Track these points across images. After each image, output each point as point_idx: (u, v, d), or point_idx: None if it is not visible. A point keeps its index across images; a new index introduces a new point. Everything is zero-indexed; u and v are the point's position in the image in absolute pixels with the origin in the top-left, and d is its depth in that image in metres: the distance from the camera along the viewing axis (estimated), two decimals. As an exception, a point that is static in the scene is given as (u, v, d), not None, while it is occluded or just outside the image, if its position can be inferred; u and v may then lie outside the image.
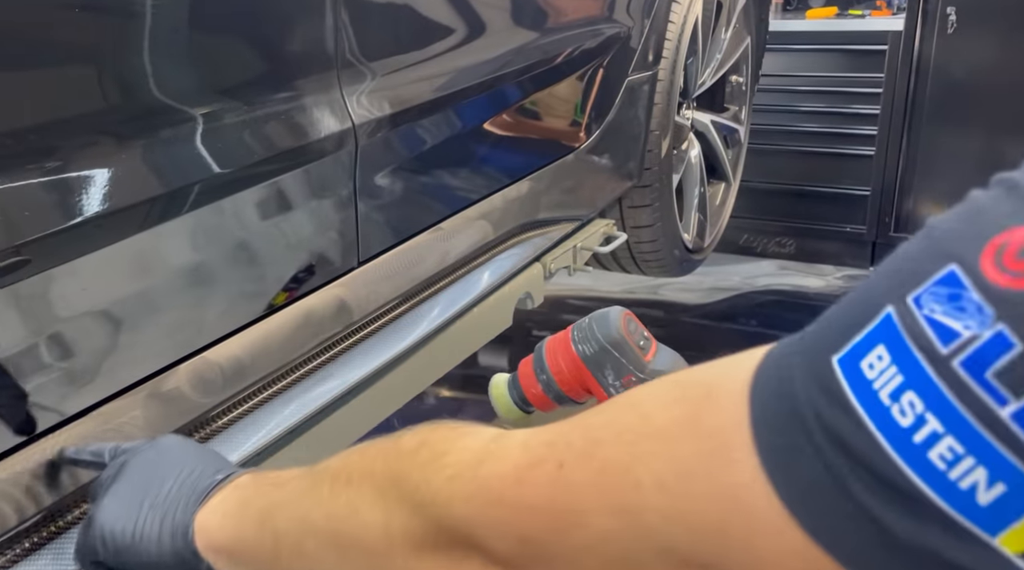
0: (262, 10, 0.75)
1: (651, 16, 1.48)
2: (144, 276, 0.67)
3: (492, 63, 1.08)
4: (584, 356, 0.65)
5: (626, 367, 0.65)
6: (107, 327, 0.66)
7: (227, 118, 0.72)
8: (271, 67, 0.76)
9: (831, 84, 3.40)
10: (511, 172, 1.19)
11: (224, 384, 0.75)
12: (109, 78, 0.64)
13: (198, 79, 0.71)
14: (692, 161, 1.84)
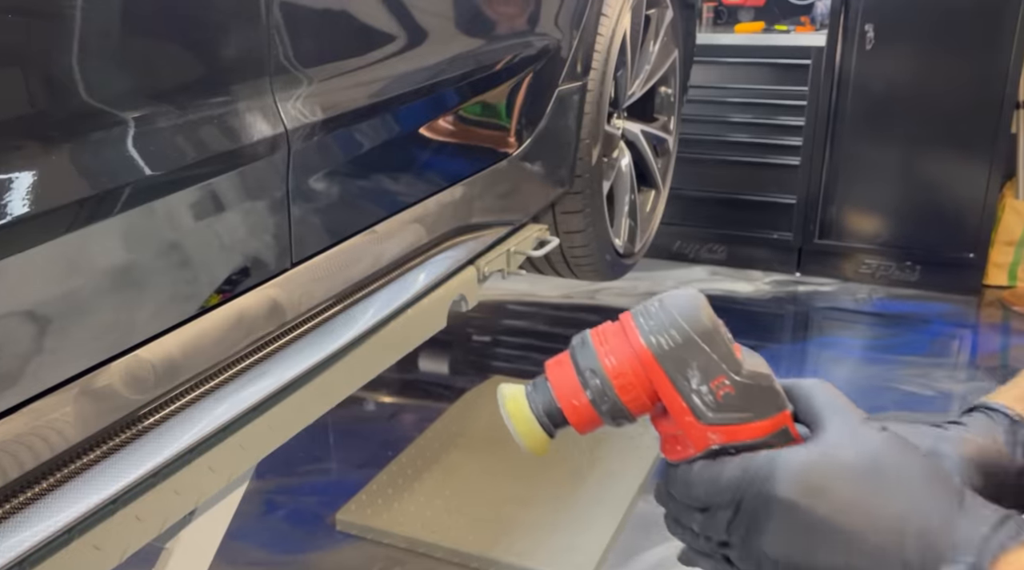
0: (195, 16, 0.77)
1: (580, 28, 1.54)
2: (76, 275, 0.68)
3: (425, 71, 1.12)
4: (659, 351, 0.46)
5: (718, 365, 0.46)
6: (39, 325, 0.67)
7: (159, 122, 0.74)
8: (203, 72, 0.78)
9: (758, 96, 3.53)
10: (444, 177, 1.23)
11: (156, 382, 0.77)
12: (40, 80, 0.66)
13: (130, 83, 0.73)
14: (623, 169, 1.90)
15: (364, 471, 2.23)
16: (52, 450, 0.67)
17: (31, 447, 0.68)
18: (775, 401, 0.46)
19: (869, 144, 3.41)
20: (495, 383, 2.72)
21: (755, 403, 0.46)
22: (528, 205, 1.53)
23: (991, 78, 3.17)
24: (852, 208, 3.55)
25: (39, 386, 0.67)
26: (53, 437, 0.69)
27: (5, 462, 0.65)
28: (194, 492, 0.87)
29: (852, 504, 0.40)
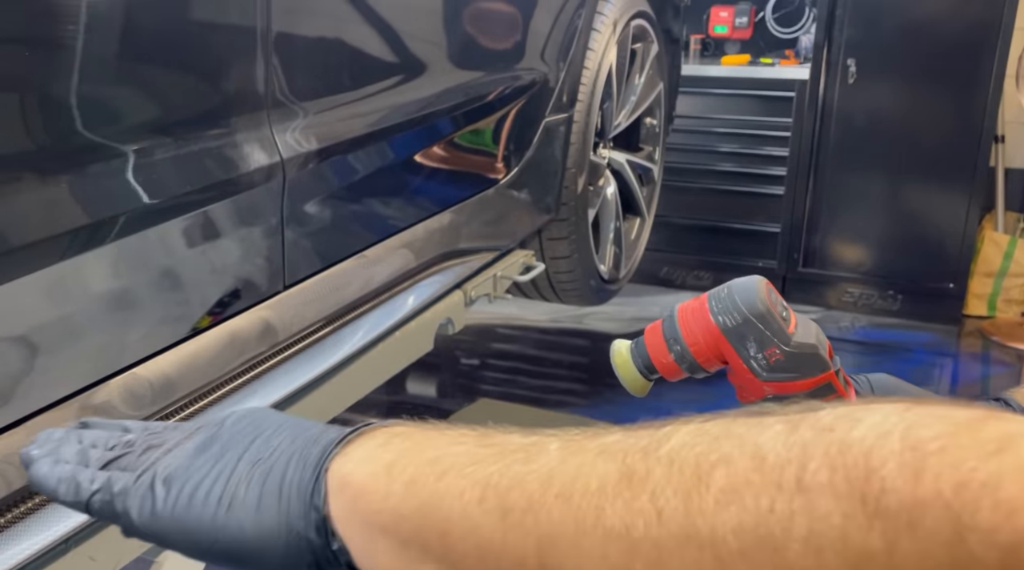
0: (197, 54, 0.81)
1: (567, 62, 1.59)
2: (82, 295, 0.72)
3: (416, 103, 1.17)
4: (725, 328, 0.59)
5: (770, 339, 0.59)
6: (43, 343, 0.71)
7: (162, 152, 0.78)
8: (206, 106, 0.83)
9: (744, 127, 3.61)
10: (434, 204, 1.27)
11: (153, 398, 0.80)
12: (52, 111, 0.70)
13: (134, 115, 0.77)
14: (608, 197, 1.95)
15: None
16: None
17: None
18: (819, 364, 0.59)
19: (852, 175, 3.48)
20: (483, 406, 2.75)
21: (802, 366, 0.59)
22: (515, 231, 1.58)
23: (970, 112, 3.26)
24: (835, 237, 3.62)
25: (42, 401, 0.71)
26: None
27: (9, 474, 0.69)
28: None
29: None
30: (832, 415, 0.29)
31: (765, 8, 3.82)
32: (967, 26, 3.15)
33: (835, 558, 0.27)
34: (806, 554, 0.27)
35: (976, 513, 0.25)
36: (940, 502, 0.25)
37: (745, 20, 3.85)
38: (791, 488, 0.28)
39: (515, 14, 1.40)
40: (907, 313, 3.56)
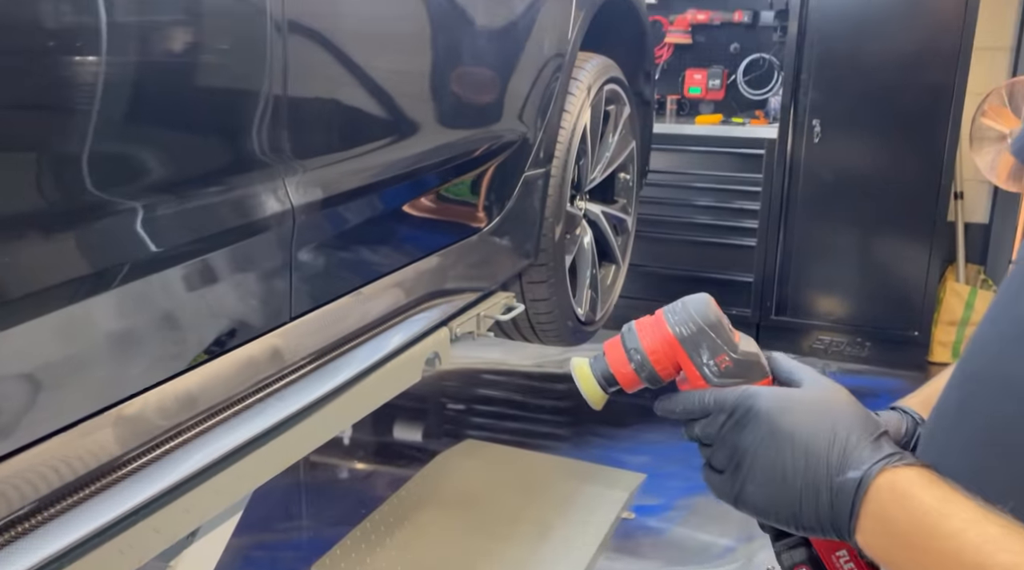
0: (225, 116, 0.96)
1: (545, 123, 1.76)
2: (133, 315, 0.85)
3: (410, 159, 1.32)
4: (681, 337, 0.64)
5: (721, 347, 0.64)
6: (86, 361, 0.84)
7: (191, 201, 0.92)
8: (233, 161, 0.98)
9: (718, 182, 3.80)
10: (423, 248, 1.42)
11: (178, 411, 0.93)
12: (97, 162, 0.84)
13: (174, 170, 0.91)
14: (585, 245, 2.10)
15: (339, 528, 2.33)
16: (98, 459, 0.83)
17: (75, 461, 0.83)
18: (761, 370, 0.65)
19: (820, 227, 3.66)
20: (467, 446, 2.85)
21: (747, 372, 0.64)
22: (497, 274, 1.72)
23: (929, 170, 3.45)
24: (806, 287, 3.78)
25: (83, 411, 0.83)
26: (96, 451, 0.84)
27: (51, 475, 0.80)
28: (200, 512, 1.01)
29: (805, 420, 0.56)
30: None
31: (737, 71, 4.05)
32: (924, 90, 3.37)
33: None
34: None
35: None
36: None
37: (718, 82, 4.08)
38: None
39: (498, 80, 1.57)
40: (875, 360, 3.71)
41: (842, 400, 0.58)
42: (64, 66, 0.76)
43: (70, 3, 0.75)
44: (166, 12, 0.85)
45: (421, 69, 1.34)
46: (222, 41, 0.92)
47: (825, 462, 0.54)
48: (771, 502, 0.57)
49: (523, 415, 3.25)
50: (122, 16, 0.81)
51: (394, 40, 1.25)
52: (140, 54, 0.83)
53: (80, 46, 0.77)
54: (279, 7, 0.97)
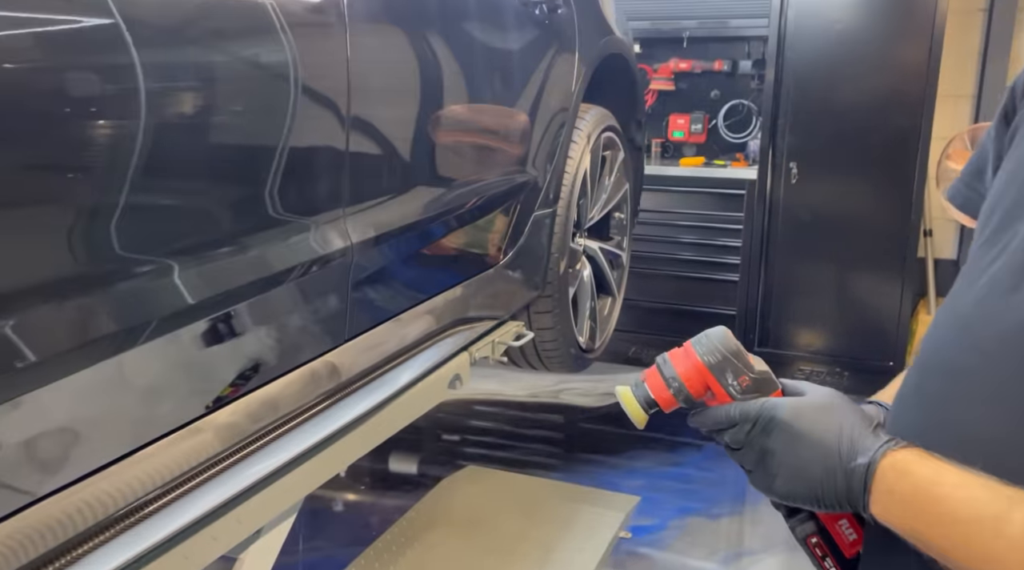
0: (302, 167, 1.14)
1: (552, 168, 1.95)
2: (223, 340, 1.02)
3: (444, 202, 1.50)
4: (709, 364, 0.77)
5: (742, 369, 0.77)
6: (177, 370, 1.00)
7: (276, 240, 1.10)
8: (308, 205, 1.15)
9: (701, 220, 4.01)
10: (450, 279, 1.59)
11: (263, 415, 1.09)
12: (213, 210, 1.01)
13: (259, 214, 1.08)
14: (585, 279, 2.29)
15: (351, 549, 2.45)
16: (190, 463, 0.99)
17: (155, 473, 0.98)
18: (773, 385, 0.78)
19: (799, 263, 3.87)
20: (470, 472, 2.98)
21: (763, 387, 0.77)
22: (509, 305, 1.89)
23: (899, 209, 3.67)
24: (787, 320, 3.98)
25: (176, 422, 0.98)
26: (198, 449, 1.00)
27: (136, 484, 0.95)
28: (258, 516, 1.16)
29: (816, 422, 0.71)
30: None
31: (717, 116, 4.30)
32: (893, 134, 3.61)
33: None
34: None
35: None
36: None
37: (700, 127, 4.32)
38: None
39: (517, 133, 1.77)
40: (854, 389, 3.88)
41: (841, 402, 0.74)
42: (186, 125, 0.94)
43: (180, 67, 0.93)
44: (270, 89, 1.04)
45: (457, 127, 1.54)
46: (310, 112, 1.11)
47: (837, 453, 0.69)
48: (797, 489, 0.72)
49: (519, 444, 3.38)
50: (226, 85, 0.99)
51: (437, 107, 1.45)
52: (244, 121, 1.02)
53: (189, 108, 0.94)
54: (347, 98, 1.17)
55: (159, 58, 0.87)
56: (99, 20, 0.81)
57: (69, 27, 0.79)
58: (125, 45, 0.82)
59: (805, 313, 3.96)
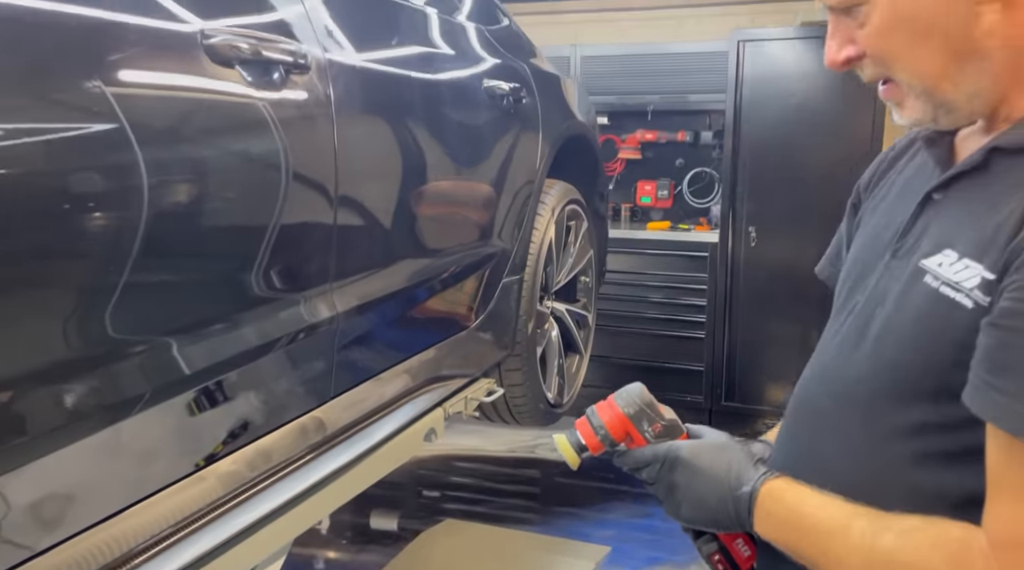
0: (297, 246, 1.32)
1: (519, 238, 2.15)
2: (227, 399, 1.18)
3: (420, 273, 1.69)
4: (629, 414, 0.94)
5: (654, 418, 0.94)
6: (173, 424, 1.16)
7: (271, 312, 1.27)
8: (302, 280, 1.33)
9: (668, 281, 4.22)
10: (425, 341, 1.77)
11: (259, 465, 1.24)
12: (215, 286, 1.19)
13: (260, 288, 1.26)
14: (552, 338, 2.47)
15: (332, 601, 2.55)
16: (204, 500, 1.14)
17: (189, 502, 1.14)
18: (680, 430, 0.96)
19: (762, 321, 4.07)
20: (448, 525, 3.10)
21: (671, 432, 0.95)
22: (480, 363, 2.07)
23: (853, 269, 3.90)
24: (752, 374, 4.16)
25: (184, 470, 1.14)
26: (203, 494, 1.16)
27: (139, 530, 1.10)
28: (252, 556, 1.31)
29: (711, 459, 0.88)
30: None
31: (682, 183, 4.55)
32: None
33: None
34: None
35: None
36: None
37: (666, 192, 4.57)
38: None
39: (486, 209, 1.97)
40: (817, 441, 4.06)
41: (731, 442, 0.93)
42: (190, 215, 1.12)
43: (195, 159, 1.12)
44: (267, 179, 1.23)
45: (433, 206, 1.74)
46: (302, 198, 1.30)
47: (727, 484, 0.87)
48: (698, 515, 0.89)
49: (496, 499, 3.49)
50: (229, 177, 1.18)
51: (415, 188, 1.65)
52: (247, 209, 1.20)
53: (192, 200, 1.13)
54: (334, 184, 1.36)
55: (163, 155, 1.04)
56: (108, 125, 0.97)
57: (85, 132, 0.95)
58: (130, 145, 0.99)
59: (769, 368, 4.13)
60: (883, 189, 0.96)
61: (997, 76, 0.75)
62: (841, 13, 0.80)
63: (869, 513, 0.76)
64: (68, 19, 0.94)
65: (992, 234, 0.71)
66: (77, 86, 0.93)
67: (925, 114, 0.80)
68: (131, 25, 1.02)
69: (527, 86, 2.19)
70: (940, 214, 0.80)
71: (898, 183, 0.93)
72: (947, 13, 0.73)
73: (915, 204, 0.83)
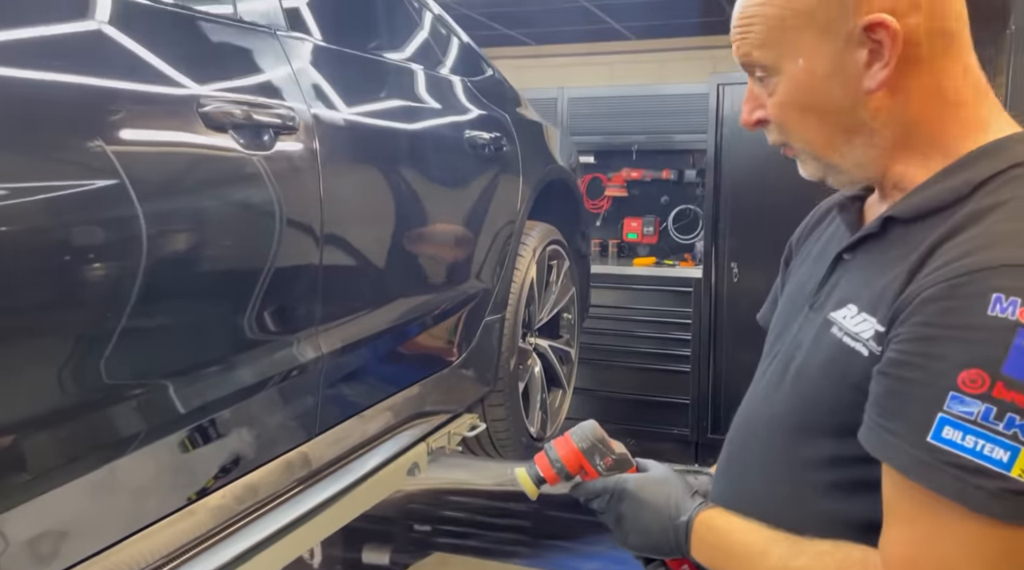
0: (286, 291, 1.42)
1: (500, 278, 2.25)
2: (220, 437, 1.27)
3: (405, 313, 1.79)
4: (583, 449, 1.02)
5: (605, 452, 1.02)
6: (167, 461, 1.24)
7: (260, 355, 1.36)
8: (290, 324, 1.43)
9: (654, 315, 4.32)
10: (409, 379, 1.86)
11: (245, 499, 1.33)
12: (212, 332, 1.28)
13: (252, 331, 1.35)
14: (535, 374, 2.56)
15: (320, 637, 2.59)
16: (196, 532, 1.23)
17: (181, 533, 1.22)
18: (629, 464, 1.04)
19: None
20: (437, 559, 3.14)
21: (621, 466, 1.02)
22: (463, 399, 2.15)
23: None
24: (736, 407, 4.21)
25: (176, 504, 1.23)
26: (193, 528, 1.24)
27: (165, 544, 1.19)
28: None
29: (653, 492, 0.96)
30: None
31: (667, 220, 4.68)
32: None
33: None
34: None
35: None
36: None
37: (652, 229, 4.69)
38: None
39: (468, 251, 2.07)
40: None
41: (672, 475, 1.01)
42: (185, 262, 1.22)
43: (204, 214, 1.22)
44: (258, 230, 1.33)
45: (416, 250, 1.84)
46: (291, 246, 1.40)
47: (667, 514, 0.95)
48: (644, 542, 0.97)
49: (486, 532, 3.54)
50: (226, 233, 1.28)
51: (399, 234, 1.75)
52: (239, 260, 1.30)
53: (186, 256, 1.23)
54: (320, 233, 1.46)
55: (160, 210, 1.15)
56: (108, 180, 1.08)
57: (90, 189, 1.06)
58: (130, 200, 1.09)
59: (754, 401, 4.21)
60: (809, 246, 1.07)
61: (883, 150, 0.86)
62: (757, 80, 0.91)
63: (787, 538, 0.85)
64: (77, 88, 1.05)
65: (882, 292, 0.81)
66: (83, 148, 1.04)
67: (816, 174, 0.93)
68: (133, 96, 1.14)
69: (508, 135, 2.30)
70: (848, 272, 0.91)
71: (820, 242, 1.03)
72: (838, 96, 0.84)
73: (829, 262, 0.94)
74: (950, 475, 0.72)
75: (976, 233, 0.76)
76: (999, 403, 0.70)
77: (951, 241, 0.78)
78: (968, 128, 0.83)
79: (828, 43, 0.83)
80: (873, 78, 0.82)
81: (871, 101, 0.83)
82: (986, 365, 0.71)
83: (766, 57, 0.88)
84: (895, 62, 0.81)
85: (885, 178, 0.89)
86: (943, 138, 0.84)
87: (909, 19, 0.80)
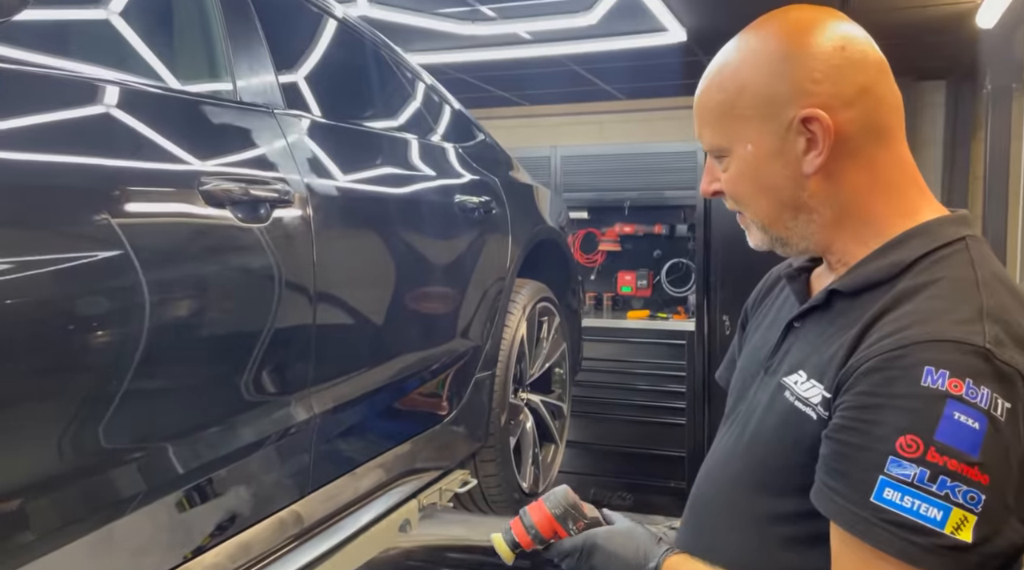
0: (280, 357, 1.49)
1: (490, 336, 2.32)
2: (224, 495, 1.33)
3: (396, 373, 1.85)
4: (556, 515, 1.07)
5: (577, 517, 1.07)
6: (167, 524, 1.30)
7: (257, 416, 1.43)
8: (284, 387, 1.49)
9: (648, 368, 4.38)
10: (399, 436, 1.91)
11: (241, 555, 1.38)
12: (210, 397, 1.35)
13: (251, 394, 1.42)
14: (527, 429, 2.60)
15: None
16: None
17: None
18: (597, 523, 1.08)
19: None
20: (433, 614, 3.14)
21: (592, 529, 1.07)
22: (455, 455, 2.20)
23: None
24: (733, 459, 4.25)
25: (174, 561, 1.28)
26: None
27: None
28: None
29: (622, 544, 1.01)
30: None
31: (660, 273, 4.76)
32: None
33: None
34: None
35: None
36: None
37: (645, 282, 4.78)
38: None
39: (458, 310, 2.14)
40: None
41: (638, 527, 1.07)
42: (182, 329, 1.29)
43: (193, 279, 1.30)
44: (256, 297, 1.41)
45: (407, 311, 1.92)
46: (285, 317, 1.48)
47: (636, 562, 1.01)
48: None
49: (484, 588, 3.54)
50: (223, 301, 1.36)
51: (391, 296, 1.83)
52: (236, 328, 1.38)
53: (186, 325, 1.30)
54: (313, 299, 1.54)
55: (162, 279, 1.23)
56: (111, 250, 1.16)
57: (95, 260, 1.14)
58: (135, 271, 1.17)
59: (749, 452, 4.23)
60: (763, 311, 1.14)
61: (823, 226, 0.94)
62: (713, 157, 1.00)
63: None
64: (87, 168, 1.14)
65: (829, 360, 0.88)
66: (91, 222, 1.13)
67: (764, 243, 1.01)
68: (137, 175, 1.23)
69: (497, 198, 2.40)
70: (798, 339, 0.98)
71: (774, 308, 1.11)
72: (782, 177, 0.92)
73: (781, 329, 1.01)
74: (890, 533, 0.79)
75: (911, 308, 0.84)
76: (932, 466, 0.77)
77: (889, 315, 0.85)
78: (898, 210, 0.92)
79: (771, 131, 0.92)
80: (810, 164, 0.91)
81: (809, 184, 0.92)
82: (920, 432, 0.78)
83: (718, 139, 0.97)
84: (828, 151, 0.89)
85: (829, 252, 0.97)
86: (876, 219, 0.92)
87: (842, 114, 0.89)
